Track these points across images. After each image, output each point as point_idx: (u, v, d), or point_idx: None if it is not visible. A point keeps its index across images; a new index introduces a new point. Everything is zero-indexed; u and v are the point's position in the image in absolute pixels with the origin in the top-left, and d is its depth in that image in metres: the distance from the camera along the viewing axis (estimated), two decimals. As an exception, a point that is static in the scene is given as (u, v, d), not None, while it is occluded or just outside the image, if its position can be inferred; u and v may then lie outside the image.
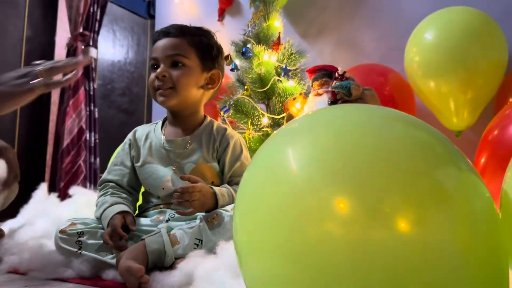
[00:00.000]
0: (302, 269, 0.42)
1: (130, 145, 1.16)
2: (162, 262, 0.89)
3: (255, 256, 0.47)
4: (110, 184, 1.11)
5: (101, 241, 0.97)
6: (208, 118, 1.18)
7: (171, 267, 0.88)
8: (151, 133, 1.16)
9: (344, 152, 0.44)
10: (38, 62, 0.85)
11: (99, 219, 1.03)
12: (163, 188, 1.08)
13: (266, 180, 0.48)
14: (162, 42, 1.09)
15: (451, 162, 0.45)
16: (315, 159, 0.45)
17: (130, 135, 1.18)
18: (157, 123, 1.19)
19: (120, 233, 0.95)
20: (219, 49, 1.16)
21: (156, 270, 0.86)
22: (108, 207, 1.02)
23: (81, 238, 0.96)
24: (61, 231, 0.98)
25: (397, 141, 0.45)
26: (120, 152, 1.17)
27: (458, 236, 0.41)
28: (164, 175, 1.08)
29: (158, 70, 1.07)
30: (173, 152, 1.10)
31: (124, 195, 1.09)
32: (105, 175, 1.14)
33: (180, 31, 1.09)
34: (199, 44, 1.10)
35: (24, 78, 0.84)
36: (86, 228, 0.99)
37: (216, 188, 1.01)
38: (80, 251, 0.95)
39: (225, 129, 1.15)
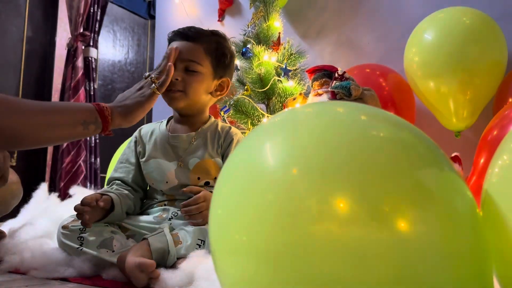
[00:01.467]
0: (285, 272, 0.41)
1: (136, 142, 1.19)
2: (165, 262, 0.90)
3: (236, 259, 0.45)
4: (116, 182, 1.13)
5: (103, 238, 0.97)
6: (213, 118, 1.21)
7: (172, 266, 0.88)
8: (156, 130, 1.18)
9: (325, 150, 0.43)
10: (147, 73, 1.04)
11: None
12: (167, 182, 1.10)
13: (247, 177, 0.46)
14: (179, 44, 1.10)
15: (433, 162, 0.45)
16: (294, 156, 0.44)
17: (136, 133, 1.21)
18: (162, 121, 1.22)
19: (85, 200, 0.94)
20: (232, 56, 1.18)
21: (157, 269, 0.87)
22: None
23: (83, 234, 0.97)
24: (64, 227, 0.98)
25: (379, 140, 0.45)
26: (126, 150, 1.19)
27: (441, 235, 0.41)
28: (169, 169, 1.11)
29: None
30: (178, 147, 1.13)
31: (126, 192, 1.10)
32: (112, 173, 1.17)
33: (198, 36, 1.11)
34: (214, 51, 1.12)
35: (142, 88, 1.01)
36: None
37: None
38: (81, 247, 0.95)
39: (230, 127, 1.19)
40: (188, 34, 1.10)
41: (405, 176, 0.42)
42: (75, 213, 1.08)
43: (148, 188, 1.18)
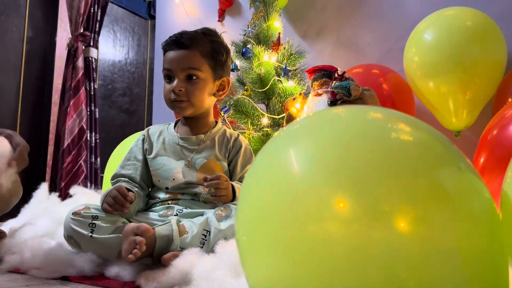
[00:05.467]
0: (303, 268, 0.42)
1: (143, 140, 1.21)
2: (168, 250, 0.92)
3: (257, 255, 0.48)
4: (123, 179, 1.14)
5: (116, 226, 0.97)
6: (220, 123, 1.25)
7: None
8: (165, 131, 1.22)
9: (344, 152, 0.45)
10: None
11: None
12: (173, 179, 1.12)
13: (267, 180, 0.49)
14: (176, 54, 1.13)
15: (451, 162, 0.46)
16: (316, 160, 0.46)
17: (144, 132, 1.24)
18: (169, 123, 1.25)
19: (124, 192, 0.97)
20: (227, 51, 1.20)
21: (149, 269, 0.87)
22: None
23: (95, 221, 0.97)
24: (75, 213, 0.98)
25: (397, 142, 0.45)
26: (133, 148, 1.21)
27: (458, 235, 0.41)
28: (176, 167, 1.13)
29: (174, 85, 1.11)
30: (186, 148, 1.16)
31: (136, 189, 1.11)
32: (118, 170, 1.17)
33: (193, 42, 1.12)
34: (210, 53, 1.14)
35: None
36: (101, 214, 0.99)
37: (232, 182, 1.06)
38: (91, 234, 0.96)
39: (238, 134, 1.23)
40: (182, 42, 1.12)
41: (422, 177, 0.42)
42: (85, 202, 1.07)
43: (152, 187, 1.19)
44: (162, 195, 1.13)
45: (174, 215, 1.04)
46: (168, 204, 1.10)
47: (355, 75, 1.64)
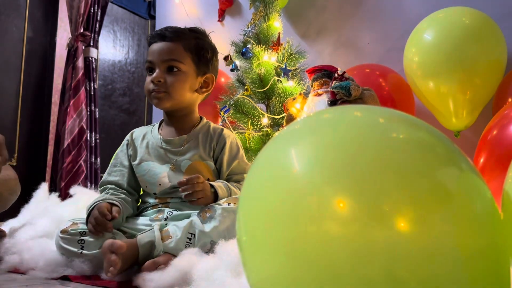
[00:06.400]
0: (303, 268, 0.42)
1: (127, 145, 1.19)
2: (152, 256, 0.91)
3: (257, 255, 0.48)
4: (110, 186, 1.13)
5: (104, 239, 0.96)
6: (205, 119, 1.21)
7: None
8: (148, 134, 1.18)
9: (345, 152, 0.44)
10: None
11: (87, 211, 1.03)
12: (159, 184, 1.10)
13: (268, 180, 0.49)
14: (158, 46, 1.10)
15: (452, 162, 0.46)
16: (316, 160, 0.46)
17: (128, 136, 1.21)
18: (154, 125, 1.22)
19: (103, 211, 0.96)
20: (213, 50, 1.17)
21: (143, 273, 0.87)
22: (98, 201, 1.03)
23: (84, 237, 0.97)
24: (63, 231, 0.98)
25: (398, 142, 0.45)
26: (119, 154, 1.19)
27: (459, 236, 0.41)
28: (161, 172, 1.11)
29: (154, 75, 1.09)
30: (170, 151, 1.13)
31: (123, 195, 1.10)
32: (105, 177, 1.16)
33: (176, 35, 1.11)
34: (194, 48, 1.12)
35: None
36: None
37: (212, 182, 1.04)
38: (81, 251, 0.96)
39: (222, 129, 1.18)
40: (165, 35, 1.11)
41: (423, 177, 0.42)
42: (73, 216, 1.08)
43: (141, 192, 1.18)
44: (151, 200, 1.12)
45: (165, 218, 1.03)
46: (159, 207, 1.09)
47: (355, 75, 1.64)
